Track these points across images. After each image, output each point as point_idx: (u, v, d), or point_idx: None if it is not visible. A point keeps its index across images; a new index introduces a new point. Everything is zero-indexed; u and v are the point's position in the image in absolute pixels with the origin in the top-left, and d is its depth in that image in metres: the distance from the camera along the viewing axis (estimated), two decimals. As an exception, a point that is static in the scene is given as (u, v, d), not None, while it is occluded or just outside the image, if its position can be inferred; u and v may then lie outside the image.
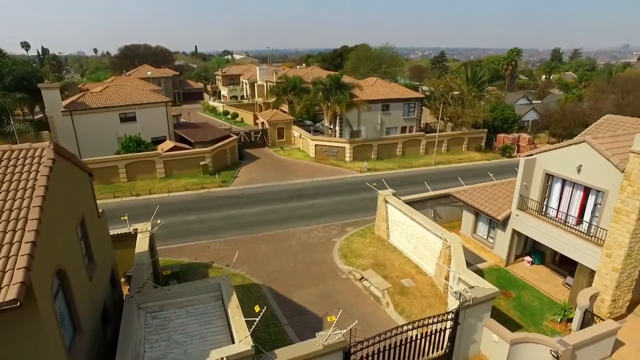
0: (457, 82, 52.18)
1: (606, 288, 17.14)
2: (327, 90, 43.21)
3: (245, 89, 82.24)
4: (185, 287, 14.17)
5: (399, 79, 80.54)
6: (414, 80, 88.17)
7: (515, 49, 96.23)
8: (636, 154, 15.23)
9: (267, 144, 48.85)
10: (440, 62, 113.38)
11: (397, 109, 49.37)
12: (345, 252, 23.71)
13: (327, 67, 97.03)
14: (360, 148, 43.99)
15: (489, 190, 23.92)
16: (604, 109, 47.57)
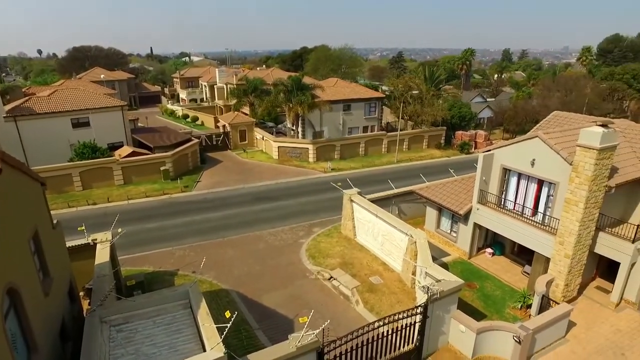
0: (416, 81, 53.47)
1: (560, 274, 18.15)
2: (288, 91, 43.09)
3: (205, 91, 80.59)
4: (151, 296, 13.69)
5: (359, 79, 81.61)
6: (374, 81, 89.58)
7: (469, 49, 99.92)
8: (582, 147, 16.23)
9: (229, 147, 48.08)
10: (399, 62, 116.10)
11: (359, 108, 50.05)
12: (313, 253, 23.74)
13: (288, 68, 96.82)
14: (323, 148, 44.20)
15: (450, 186, 24.70)
16: (551, 105, 50.39)
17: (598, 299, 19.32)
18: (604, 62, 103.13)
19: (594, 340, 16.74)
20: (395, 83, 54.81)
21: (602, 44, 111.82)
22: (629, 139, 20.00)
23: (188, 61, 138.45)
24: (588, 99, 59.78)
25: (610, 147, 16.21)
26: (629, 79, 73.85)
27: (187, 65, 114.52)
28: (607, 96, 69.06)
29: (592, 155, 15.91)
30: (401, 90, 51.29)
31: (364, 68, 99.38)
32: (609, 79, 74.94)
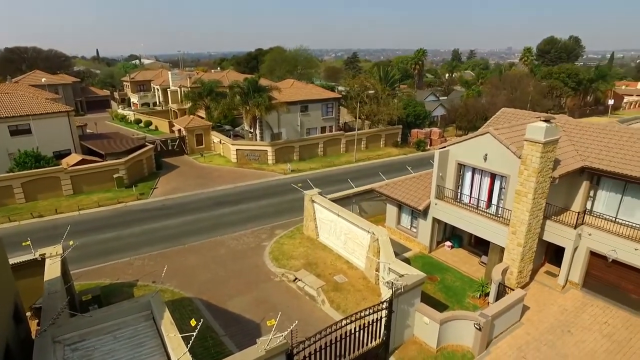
0: (371, 81, 54.50)
1: (513, 262, 19.14)
2: (244, 93, 42.56)
3: (158, 95, 78.00)
4: (110, 310, 13.05)
5: (315, 80, 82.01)
6: (330, 81, 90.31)
7: (421, 49, 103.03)
8: (529, 141, 17.20)
9: (185, 151, 46.83)
10: (354, 63, 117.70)
11: (316, 109, 50.31)
12: (277, 255, 23.62)
13: (243, 70, 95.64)
14: (282, 150, 44.07)
15: (409, 183, 25.37)
16: (499, 103, 53.08)
17: (547, 282, 20.56)
18: (543, 62, 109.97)
19: (545, 320, 17.82)
20: (351, 83, 55.59)
21: (540, 45, 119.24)
22: (567, 132, 21.41)
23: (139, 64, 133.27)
24: (531, 96, 63.48)
25: (553, 140, 17.30)
26: (564, 77, 79.21)
27: (138, 68, 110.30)
28: (547, 93, 73.74)
29: (538, 148, 16.91)
30: (357, 90, 52.10)
31: (319, 69, 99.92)
32: (548, 77, 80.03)
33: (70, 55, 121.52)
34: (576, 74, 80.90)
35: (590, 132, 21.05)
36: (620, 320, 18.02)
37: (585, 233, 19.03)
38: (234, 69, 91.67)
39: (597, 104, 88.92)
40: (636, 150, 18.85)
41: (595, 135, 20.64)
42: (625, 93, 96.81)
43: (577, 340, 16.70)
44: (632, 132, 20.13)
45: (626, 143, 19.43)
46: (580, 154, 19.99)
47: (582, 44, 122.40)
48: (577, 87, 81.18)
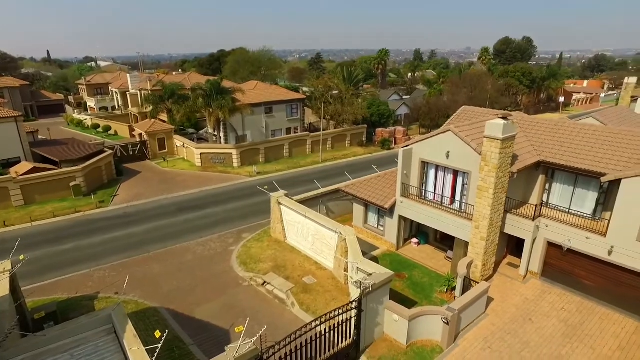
0: (335, 81, 54.77)
1: (478, 255, 19.70)
2: (207, 96, 41.74)
3: (117, 98, 75.17)
4: (66, 327, 12.32)
5: (279, 81, 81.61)
6: (294, 82, 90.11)
7: (383, 49, 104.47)
8: (488, 138, 17.75)
9: (147, 156, 45.36)
10: (317, 63, 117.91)
11: (281, 110, 50.07)
12: (245, 259, 23.27)
13: (206, 72, 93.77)
14: (247, 152, 43.53)
15: (375, 182, 25.63)
16: (459, 101, 54.58)
17: (509, 274, 21.31)
18: (500, 61, 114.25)
19: (508, 310, 18.45)
20: (315, 84, 55.66)
21: (496, 45, 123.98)
22: (523, 129, 22.28)
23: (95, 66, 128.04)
24: (490, 94, 65.80)
25: (511, 137, 17.93)
26: (519, 76, 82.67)
27: (94, 71, 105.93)
28: (505, 91, 76.65)
29: (497, 145, 17.47)
30: (321, 90, 52.22)
31: (283, 70, 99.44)
32: (504, 76, 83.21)
33: (17, 57, 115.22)
34: (530, 73, 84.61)
35: (544, 128, 22.00)
36: (575, 305, 18.95)
37: (542, 225, 19.86)
38: (196, 71, 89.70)
39: (549, 101, 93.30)
40: (585, 144, 19.87)
41: (548, 131, 21.59)
42: (573, 91, 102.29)
43: (537, 327, 17.39)
44: (580, 128, 21.23)
45: (576, 138, 20.46)
46: (536, 149, 20.83)
47: (534, 45, 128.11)
48: (532, 85, 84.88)
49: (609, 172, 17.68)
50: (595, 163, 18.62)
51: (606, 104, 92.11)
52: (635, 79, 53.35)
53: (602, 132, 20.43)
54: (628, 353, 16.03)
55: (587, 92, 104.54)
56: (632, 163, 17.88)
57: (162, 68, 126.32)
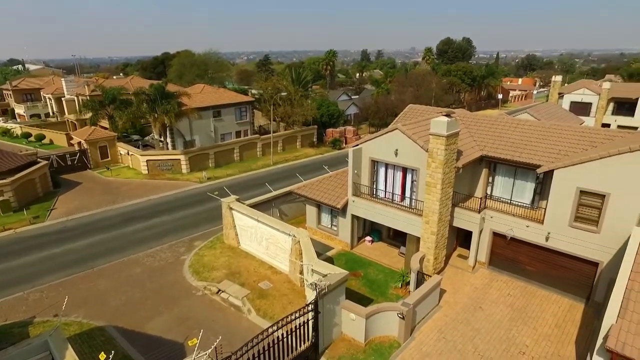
0: (284, 83, 54.52)
1: (429, 249, 20.29)
2: (152, 100, 40.01)
3: (51, 105, 70.19)
4: (-8, 360, 11.23)
5: (227, 84, 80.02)
6: (243, 84, 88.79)
7: (331, 50, 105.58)
8: (434, 135, 18.32)
9: (88, 166, 42.74)
10: (266, 65, 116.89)
11: (229, 114, 49.12)
12: (197, 268, 22.51)
13: (149, 75, 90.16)
14: (196, 158, 42.24)
15: (327, 182, 25.71)
16: (406, 99, 56.20)
17: (460, 265, 22.15)
18: (442, 61, 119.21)
19: (460, 300, 19.16)
20: (264, 86, 55.11)
21: (439, 45, 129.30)
22: (466, 125, 23.26)
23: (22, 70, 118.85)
24: (434, 93, 68.33)
25: (455, 133, 18.62)
26: (461, 75, 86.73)
27: (22, 75, 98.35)
28: (448, 90, 80.00)
29: (442, 141, 18.07)
30: (270, 92, 51.80)
31: (231, 72, 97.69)
32: (447, 75, 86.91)
33: None
34: (471, 72, 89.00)
35: (485, 124, 23.08)
36: (519, 290, 20.05)
37: (487, 216, 20.82)
38: (139, 75, 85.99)
39: (489, 98, 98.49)
40: (522, 138, 21.09)
41: (489, 127, 22.67)
42: (510, 88, 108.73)
43: (487, 314, 18.19)
44: (517, 123, 22.52)
45: (514, 133, 21.65)
46: (479, 144, 21.80)
47: (473, 45, 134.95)
48: (472, 83, 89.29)
49: (543, 164, 18.85)
50: (531, 156, 19.79)
51: (538, 100, 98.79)
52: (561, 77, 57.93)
53: (536, 127, 21.79)
54: (564, 329, 17.28)
55: (521, 89, 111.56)
56: (562, 155, 19.18)
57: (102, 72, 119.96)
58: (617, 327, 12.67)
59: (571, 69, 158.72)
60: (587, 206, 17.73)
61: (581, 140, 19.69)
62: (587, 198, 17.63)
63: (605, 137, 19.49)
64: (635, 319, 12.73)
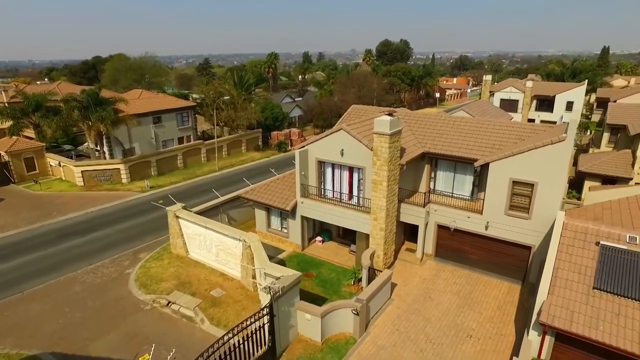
0: (226, 87, 53.60)
1: (378, 245, 20.86)
2: (84, 107, 37.59)
3: (-37, 115, 63.66)
4: None
5: (167, 89, 77.15)
6: (183, 89, 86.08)
7: (273, 53, 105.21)
8: (378, 134, 18.87)
9: (12, 179, 39.32)
10: (206, 69, 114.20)
11: (170, 119, 47.47)
12: (144, 281, 21.51)
13: (79, 81, 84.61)
14: (137, 166, 40.32)
15: (274, 185, 25.60)
16: (349, 100, 57.33)
17: (408, 258, 22.98)
18: (382, 62, 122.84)
19: (411, 292, 19.89)
20: (205, 90, 53.84)
21: (378, 47, 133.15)
22: (408, 123, 24.20)
23: None
24: (376, 93, 70.31)
25: (397, 132, 19.31)
26: (400, 75, 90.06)
27: None
28: (389, 90, 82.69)
29: (386, 140, 18.67)
30: (212, 96, 50.72)
31: (170, 77, 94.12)
32: (387, 75, 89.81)
33: None
34: (409, 72, 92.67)
35: (425, 121, 24.15)
36: (465, 278, 21.20)
37: (432, 210, 21.80)
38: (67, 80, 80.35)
39: (428, 97, 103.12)
40: (459, 134, 22.32)
41: (429, 125, 23.75)
42: (446, 87, 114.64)
43: (436, 303, 19.05)
44: (454, 120, 23.82)
45: (451, 129, 22.86)
46: (420, 141, 22.77)
47: (410, 46, 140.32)
48: (411, 83, 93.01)
49: (479, 158, 20.08)
50: (468, 150, 21.00)
51: (472, 98, 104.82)
52: (490, 76, 62.14)
53: (471, 123, 23.16)
54: (504, 310, 18.57)
55: (457, 88, 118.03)
56: (495, 148, 20.55)
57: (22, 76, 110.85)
58: (547, 303, 13.83)
59: (499, 68, 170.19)
60: (519, 195, 19.14)
61: (511, 135, 21.22)
62: (519, 187, 19.04)
63: (531, 131, 21.15)
64: (561, 294, 13.98)
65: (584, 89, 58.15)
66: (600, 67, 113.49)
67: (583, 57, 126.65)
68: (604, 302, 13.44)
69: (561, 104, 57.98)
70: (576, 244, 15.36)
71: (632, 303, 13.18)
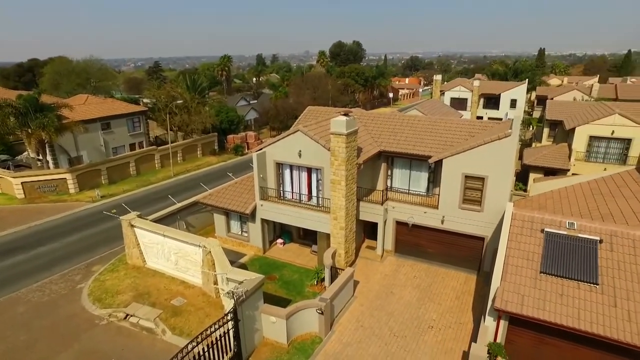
0: (179, 90, 52.15)
1: (339, 244, 21.11)
2: (22, 114, 35.23)
3: None
4: None
5: (115, 93, 73.99)
6: (133, 93, 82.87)
7: (226, 55, 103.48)
8: (334, 134, 19.12)
9: (-57, 195, 36.17)
10: (157, 72, 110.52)
11: (120, 125, 45.53)
12: (99, 295, 20.50)
13: (15, 85, 79.14)
14: (86, 175, 38.31)
15: (233, 189, 25.24)
16: (304, 102, 57.49)
17: (369, 256, 23.42)
18: (336, 63, 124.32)
19: (373, 289, 20.29)
20: (157, 94, 52.11)
21: (331, 48, 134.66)
22: (363, 123, 24.68)
23: None
24: (331, 94, 71.01)
25: (354, 131, 19.65)
26: (354, 76, 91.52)
27: None
28: (344, 90, 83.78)
29: (343, 140, 18.95)
30: (165, 101, 49.19)
31: (118, 81, 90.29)
32: (342, 76, 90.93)
33: None
34: (363, 73, 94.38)
35: (380, 121, 24.73)
36: (424, 271, 21.91)
37: (390, 207, 22.34)
38: (-1, 84, 74.90)
39: (381, 97, 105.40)
40: (413, 132, 23.05)
41: (384, 124, 24.34)
42: (399, 87, 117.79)
43: (398, 298, 19.55)
44: (408, 119, 24.59)
45: (406, 128, 23.57)
46: (376, 140, 23.28)
47: (363, 48, 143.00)
48: (365, 83, 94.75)
49: (433, 155, 20.84)
50: (422, 148, 21.75)
51: (424, 97, 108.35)
52: (440, 76, 64.68)
53: (424, 121, 24.00)
54: (462, 300, 19.40)
55: (409, 88, 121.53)
56: (448, 145, 21.41)
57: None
58: (500, 289, 14.61)
59: (448, 68, 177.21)
60: (472, 189, 20.06)
61: (462, 132, 22.20)
62: (471, 182, 19.95)
63: (480, 128, 22.24)
64: (512, 280, 14.82)
65: (525, 87, 61.91)
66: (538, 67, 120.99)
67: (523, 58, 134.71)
68: (549, 285, 14.37)
69: (506, 101, 61.42)
70: (524, 232, 16.31)
71: (573, 283, 14.20)
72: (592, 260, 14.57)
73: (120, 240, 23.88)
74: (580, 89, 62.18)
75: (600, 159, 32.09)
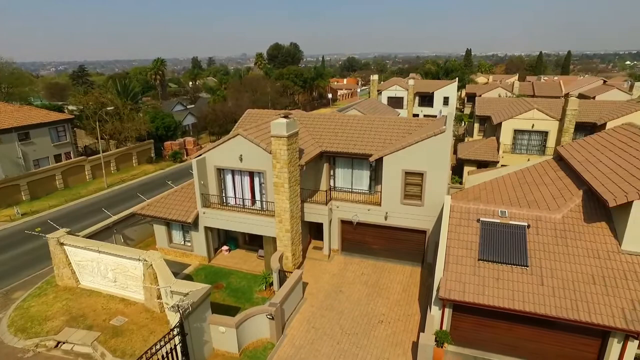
0: (109, 96, 49.12)
1: (286, 247, 20.95)
2: None
3: None
4: None
5: (34, 100, 68.05)
6: (55, 100, 76.77)
7: (159, 59, 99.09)
8: (275, 137, 18.94)
9: None
10: (83, 77, 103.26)
11: (42, 135, 41.93)
12: (22, 324, 18.62)
13: None
14: (1, 192, 34.82)
15: (173, 198, 24.17)
16: (243, 105, 56.63)
17: (316, 256, 23.47)
18: (274, 65, 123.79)
19: (322, 289, 20.35)
20: (84, 101, 48.68)
21: (269, 50, 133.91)
22: (304, 124, 24.71)
23: None
24: (270, 96, 70.50)
25: (294, 133, 19.59)
26: (293, 77, 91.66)
27: None
28: (283, 92, 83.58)
29: (284, 142, 18.82)
30: (93, 107, 46.10)
31: (36, 86, 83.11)
32: (280, 78, 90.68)
33: None
34: (301, 74, 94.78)
35: (320, 122, 24.88)
36: (371, 267, 22.36)
37: (334, 207, 22.54)
38: None
39: (321, 97, 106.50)
40: (353, 132, 23.45)
41: (325, 124, 24.52)
42: (338, 88, 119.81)
43: (347, 296, 19.76)
44: (348, 118, 24.96)
45: (346, 127, 23.91)
46: (317, 141, 23.39)
47: (300, 49, 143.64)
48: (304, 85, 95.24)
49: (373, 153, 21.33)
50: (363, 147, 22.18)
51: (362, 97, 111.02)
52: (377, 76, 66.60)
53: (364, 121, 24.49)
54: (409, 292, 20.02)
55: (347, 88, 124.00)
56: (387, 143, 22.02)
57: None
58: (443, 279, 15.26)
59: (384, 69, 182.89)
60: (412, 184, 20.77)
61: (400, 129, 22.94)
62: (411, 177, 20.65)
63: (417, 125, 23.11)
64: (454, 269, 15.54)
65: (455, 85, 65.52)
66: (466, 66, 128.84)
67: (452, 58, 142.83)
68: (487, 271, 15.24)
69: (439, 99, 64.63)
70: (462, 223, 17.16)
71: (507, 267, 15.19)
72: (522, 244, 15.65)
73: (47, 261, 21.97)
74: (504, 87, 67.12)
75: (524, 150, 34.74)
